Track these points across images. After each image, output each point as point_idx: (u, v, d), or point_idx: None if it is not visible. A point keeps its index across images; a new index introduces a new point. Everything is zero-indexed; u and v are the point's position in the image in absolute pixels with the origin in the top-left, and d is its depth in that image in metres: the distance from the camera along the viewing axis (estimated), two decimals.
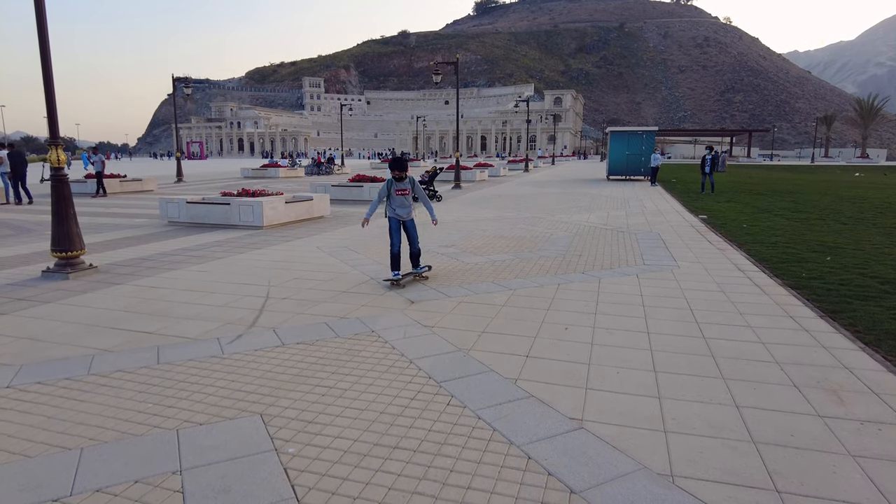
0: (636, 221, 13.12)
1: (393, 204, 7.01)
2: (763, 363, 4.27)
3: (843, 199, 19.33)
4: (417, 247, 7.13)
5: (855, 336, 4.89)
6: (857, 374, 4.04)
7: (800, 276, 7.27)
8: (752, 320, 5.36)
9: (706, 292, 6.45)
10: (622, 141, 30.45)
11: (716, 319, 5.39)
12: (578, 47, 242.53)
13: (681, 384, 3.89)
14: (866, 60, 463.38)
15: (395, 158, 7.12)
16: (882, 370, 4.14)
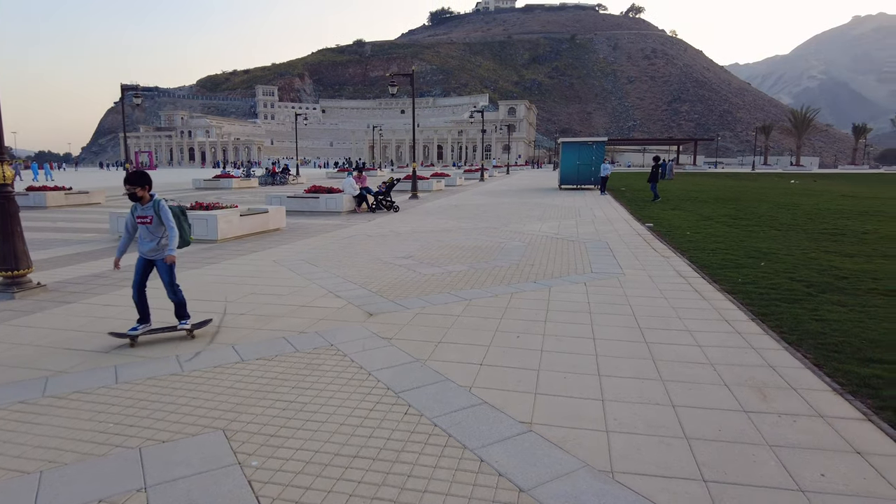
0: (586, 230, 13.61)
1: (138, 236, 5.34)
2: (699, 364, 4.63)
3: (779, 205, 20.48)
4: (172, 296, 5.42)
5: (780, 336, 5.32)
6: (779, 372, 4.43)
7: (736, 281, 7.77)
8: (690, 324, 5.75)
9: (649, 298, 6.84)
10: (573, 151, 31.32)
11: (657, 324, 5.75)
12: (531, 58, 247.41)
13: (623, 387, 4.18)
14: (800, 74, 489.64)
15: (132, 172, 5.18)
16: (801, 367, 4.55)
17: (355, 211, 18.88)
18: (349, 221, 15.83)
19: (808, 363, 4.63)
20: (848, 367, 4.50)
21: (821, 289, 7.27)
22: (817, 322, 5.75)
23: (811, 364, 4.61)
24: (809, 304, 6.51)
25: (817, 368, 4.51)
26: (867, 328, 5.53)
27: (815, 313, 6.08)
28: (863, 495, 2.83)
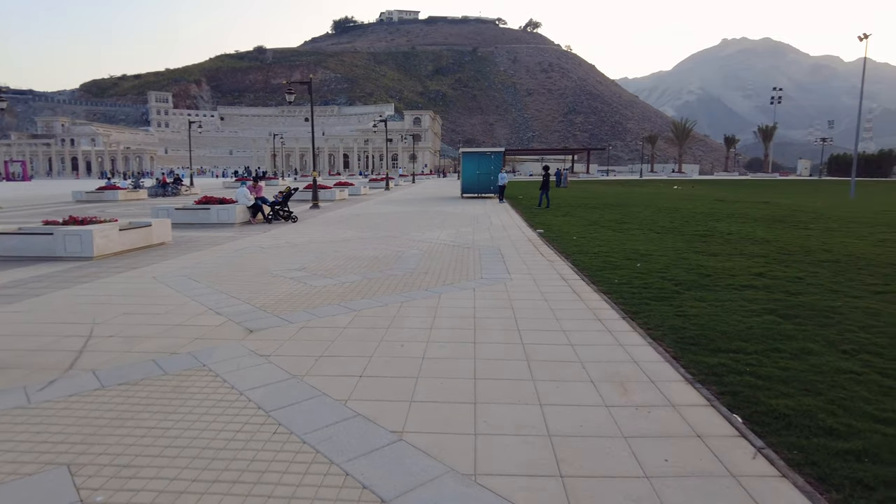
0: (482, 237, 13.94)
1: None
2: (569, 363, 4.86)
3: (660, 210, 22.10)
4: None
5: (646, 333, 5.71)
6: (641, 367, 4.76)
7: (612, 282, 8.27)
8: (566, 325, 6.03)
9: (532, 301, 7.11)
10: (473, 161, 32.11)
11: (536, 326, 5.99)
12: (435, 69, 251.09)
13: (496, 389, 4.30)
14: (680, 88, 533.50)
15: None
16: (661, 360, 4.90)
17: (250, 222, 18.18)
18: (242, 233, 15.20)
19: (668, 357, 5.00)
20: (700, 358, 4.92)
21: (687, 286, 7.90)
22: (680, 318, 6.23)
23: (670, 357, 4.98)
24: (675, 301, 7.05)
25: (675, 361, 4.88)
26: (720, 321, 6.08)
27: (679, 310, 6.59)
28: (697, 475, 3.09)
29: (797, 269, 9.30)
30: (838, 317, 6.28)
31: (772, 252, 11.21)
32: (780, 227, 16.04)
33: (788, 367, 4.70)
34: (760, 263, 9.86)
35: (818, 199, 31.99)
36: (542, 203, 23.69)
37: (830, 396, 4.08)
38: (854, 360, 4.89)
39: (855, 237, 13.68)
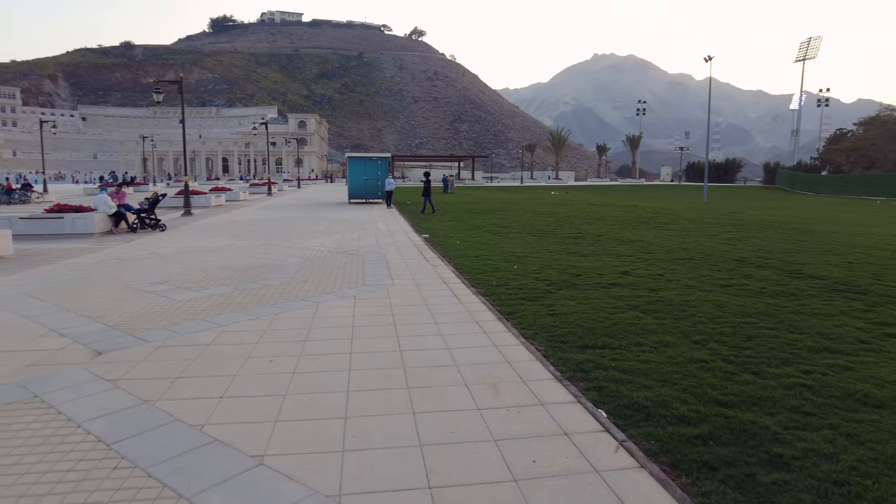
0: (367, 243, 13.72)
1: None
2: (445, 367, 4.82)
3: (538, 214, 23.11)
4: None
5: (520, 332, 5.84)
6: (514, 367, 4.83)
7: (491, 283, 8.43)
8: (444, 329, 6.02)
9: (412, 307, 7.04)
10: (360, 166, 31.75)
11: (415, 332, 5.91)
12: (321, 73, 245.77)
13: (369, 401, 4.15)
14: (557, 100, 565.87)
15: None
16: (533, 359, 5.02)
17: (112, 232, 16.53)
18: (102, 244, 13.75)
19: (539, 355, 5.13)
20: (569, 355, 5.09)
21: (559, 286, 8.24)
22: (551, 316, 6.45)
23: (542, 356, 5.12)
24: (548, 300, 7.31)
25: (546, 359, 5.02)
26: (588, 318, 6.37)
27: (551, 309, 6.83)
28: (563, 474, 3.14)
29: (658, 267, 10.06)
30: (692, 310, 6.84)
31: (637, 252, 12.07)
32: (645, 228, 17.37)
33: (649, 359, 5.00)
34: (626, 262, 10.56)
35: (677, 202, 35.21)
36: (426, 209, 23.93)
37: (684, 385, 4.38)
38: (704, 349, 5.31)
39: (706, 236, 15.14)
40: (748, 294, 7.82)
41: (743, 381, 4.46)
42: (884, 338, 5.67)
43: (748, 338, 5.63)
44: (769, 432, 3.56)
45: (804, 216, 23.69)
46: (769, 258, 11.15)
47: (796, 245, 13.29)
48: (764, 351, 5.21)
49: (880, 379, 4.49)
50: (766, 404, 4.00)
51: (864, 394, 4.17)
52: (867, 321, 6.31)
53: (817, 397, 4.12)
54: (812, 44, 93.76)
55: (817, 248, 12.79)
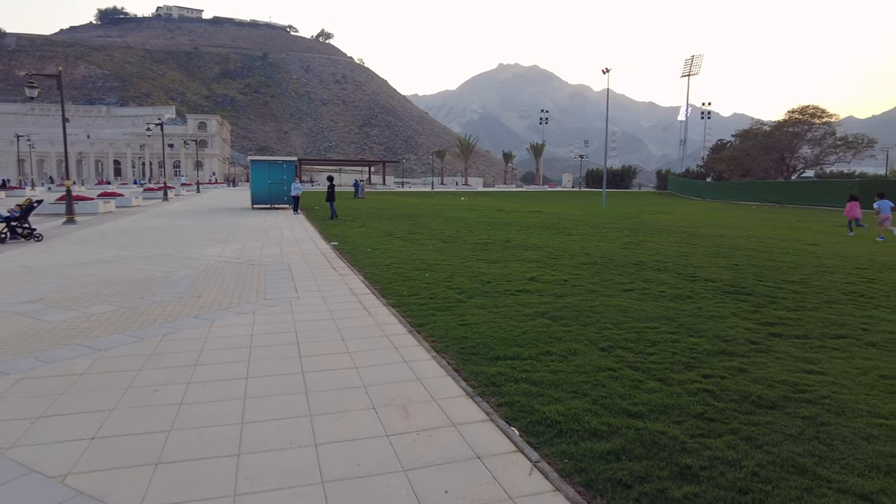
0: (270, 252, 13.04)
1: None
2: (352, 390, 4.52)
3: (448, 220, 23.19)
4: None
5: (431, 346, 5.66)
6: (425, 384, 4.62)
7: (402, 294, 8.21)
8: (352, 345, 5.71)
9: (318, 322, 6.66)
10: (264, 170, 30.45)
11: (320, 350, 5.56)
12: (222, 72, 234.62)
13: (266, 433, 3.78)
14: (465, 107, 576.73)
15: None
16: (444, 375, 4.84)
17: None
18: None
19: (451, 369, 4.97)
20: (481, 368, 4.97)
21: (469, 294, 8.16)
22: (462, 327, 6.33)
23: (453, 370, 4.95)
24: (459, 309, 7.20)
25: (457, 374, 4.86)
26: (499, 327, 6.31)
27: (462, 318, 6.71)
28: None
29: (563, 272, 10.28)
30: (597, 315, 6.97)
31: (543, 257, 12.31)
32: (549, 233, 17.87)
33: (558, 369, 4.98)
34: (533, 268, 10.72)
35: (578, 207, 36.75)
36: (333, 216, 23.39)
37: (594, 396, 4.37)
38: (610, 356, 5.38)
39: (606, 241, 15.79)
40: (648, 298, 8.13)
41: (650, 388, 4.54)
42: (770, 338, 6.04)
43: (652, 343, 5.79)
44: (677, 442, 3.59)
45: (693, 220, 25.46)
46: (665, 262, 11.75)
47: (689, 248, 14.14)
48: (667, 356, 5.36)
49: (770, 379, 4.74)
50: (673, 412, 4.07)
51: (758, 395, 4.36)
52: (755, 322, 6.72)
53: (718, 402, 4.25)
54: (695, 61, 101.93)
55: (707, 251, 13.68)
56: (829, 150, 63.07)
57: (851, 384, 4.67)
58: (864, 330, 6.40)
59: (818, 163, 65.61)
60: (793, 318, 6.92)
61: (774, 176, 64.32)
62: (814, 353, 5.50)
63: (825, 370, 4.99)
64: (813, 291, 8.62)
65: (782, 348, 5.66)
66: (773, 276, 10.06)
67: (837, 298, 8.12)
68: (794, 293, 8.48)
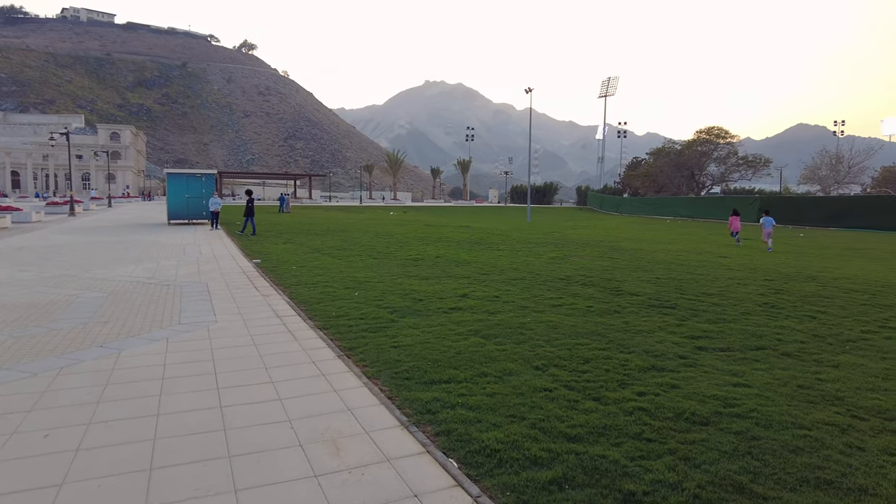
0: (187, 271, 12.25)
1: None
2: (275, 425, 4.17)
3: (378, 235, 22.85)
4: None
5: (362, 371, 5.38)
6: (356, 415, 4.35)
7: (330, 315, 7.85)
8: (276, 374, 5.33)
9: (238, 349, 6.21)
10: (181, 183, 28.93)
11: (240, 380, 5.14)
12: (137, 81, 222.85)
13: (177, 480, 3.37)
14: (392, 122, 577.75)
15: None
16: (376, 403, 4.58)
17: None
18: None
19: (384, 397, 4.72)
20: (415, 395, 4.75)
21: (402, 313, 7.93)
22: (395, 349, 6.09)
23: (386, 398, 4.71)
24: (391, 330, 6.95)
25: (390, 402, 4.62)
26: (433, 348, 6.12)
27: (394, 340, 6.47)
28: None
29: (494, 289, 10.26)
30: (529, 332, 6.94)
31: (473, 273, 12.28)
32: (479, 248, 17.95)
33: (495, 391, 4.84)
34: (465, 285, 10.64)
35: (504, 222, 37.40)
36: (247, 229, 22.57)
37: (532, 419, 4.26)
38: (545, 375, 5.32)
39: (534, 256, 16.03)
40: (578, 313, 8.21)
41: (587, 408, 4.48)
42: (696, 352, 6.21)
43: (584, 360, 5.79)
44: (618, 466, 3.52)
45: (613, 234, 26.48)
46: (591, 276, 12.02)
47: (612, 262, 14.58)
48: (601, 374, 5.36)
49: (701, 394, 4.82)
50: (612, 434, 4.01)
51: (692, 412, 4.41)
52: (681, 335, 6.90)
53: (654, 420, 4.25)
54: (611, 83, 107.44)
55: (629, 264, 14.15)
56: (732, 168, 68.07)
57: (774, 395, 4.83)
58: (779, 340, 6.73)
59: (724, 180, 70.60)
60: (715, 330, 7.18)
61: (685, 192, 68.46)
62: (738, 366, 5.68)
63: (750, 382, 5.15)
64: (730, 303, 9.03)
65: (709, 362, 5.82)
66: (692, 288, 10.49)
67: (752, 310, 8.54)
68: (713, 305, 8.86)
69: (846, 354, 6.16)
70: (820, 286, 10.98)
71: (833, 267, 14.33)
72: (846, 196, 50.80)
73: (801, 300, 9.43)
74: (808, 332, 7.15)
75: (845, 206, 37.72)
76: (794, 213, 40.40)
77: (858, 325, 7.67)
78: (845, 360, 5.90)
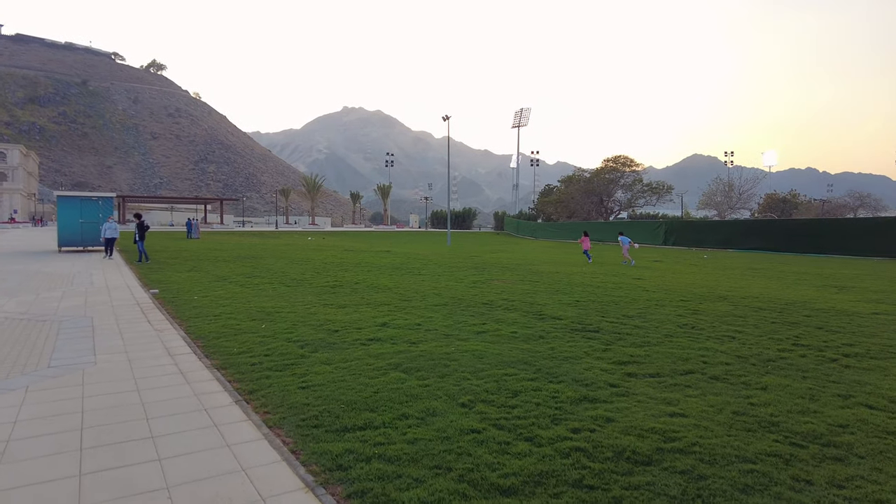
0: (72, 304, 10.83)
1: None
2: (148, 496, 3.39)
3: (293, 261, 21.72)
4: None
5: (263, 420, 4.65)
6: (251, 476, 3.64)
7: (231, 352, 6.99)
8: (158, 426, 4.49)
9: (116, 396, 5.27)
10: (74, 207, 26.43)
11: (112, 437, 4.27)
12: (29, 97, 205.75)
13: None
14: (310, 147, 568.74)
15: None
16: (277, 460, 3.89)
17: None
18: None
19: (287, 451, 4.03)
20: (325, 446, 4.09)
21: (314, 347, 7.21)
22: (304, 391, 5.38)
23: (289, 452, 4.02)
24: (301, 367, 6.22)
25: (294, 457, 3.93)
26: (348, 387, 5.47)
27: (303, 379, 5.76)
28: None
29: (416, 316, 9.73)
30: (453, 364, 6.44)
31: (394, 299, 11.69)
32: (399, 274, 17.38)
33: (417, 437, 4.28)
34: (385, 312, 10.03)
35: (425, 247, 37.08)
36: (141, 258, 20.85)
37: (460, 470, 3.72)
38: (472, 413, 4.82)
39: (455, 280, 15.67)
40: (502, 340, 7.83)
41: (520, 452, 4.01)
42: (626, 378, 5.95)
43: (513, 393, 5.35)
44: None
45: (531, 258, 26.76)
46: (513, 300, 11.77)
47: (532, 286, 14.47)
48: (531, 408, 4.93)
49: (639, 428, 4.49)
50: (550, 482, 3.55)
51: (632, 450, 4.04)
52: (608, 361, 6.65)
53: (594, 462, 3.84)
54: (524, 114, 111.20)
55: (549, 288, 14.09)
56: (638, 194, 71.99)
57: (712, 425, 4.58)
58: (705, 363, 6.63)
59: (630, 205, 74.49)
60: (642, 354, 7.01)
61: (595, 217, 71.51)
62: (670, 393, 5.45)
63: (685, 411, 4.90)
64: (652, 325, 9.00)
65: (640, 389, 5.56)
66: (613, 311, 10.45)
67: (674, 332, 8.52)
68: (636, 328, 8.77)
69: (770, 375, 6.11)
70: (732, 305, 11.31)
71: (739, 286, 14.97)
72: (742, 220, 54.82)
73: (717, 320, 9.59)
74: (731, 353, 7.13)
75: (741, 230, 40.51)
76: (697, 235, 42.98)
77: (774, 343, 7.78)
78: (771, 382, 5.83)
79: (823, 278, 17.72)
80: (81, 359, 6.68)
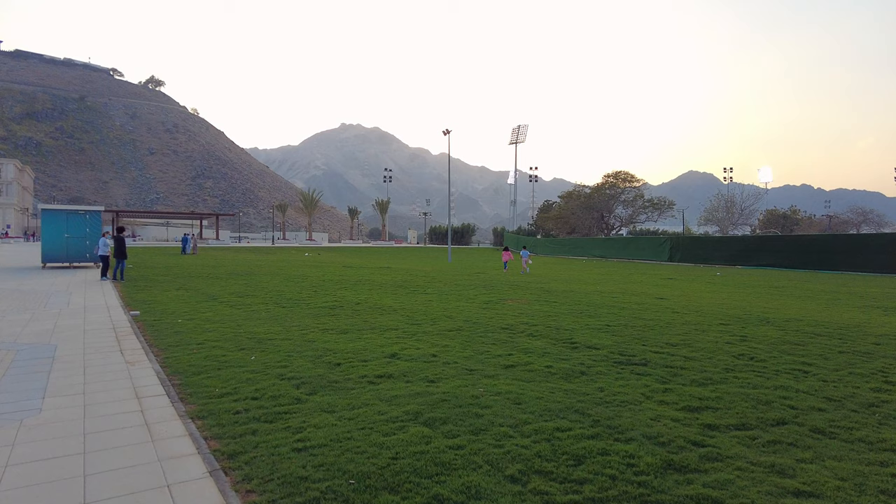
0: (38, 328, 9.56)
1: None
2: None
3: (289, 279, 20.45)
4: None
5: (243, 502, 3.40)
6: None
7: (212, 393, 5.72)
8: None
9: (52, 462, 4.00)
10: (59, 221, 25.19)
11: None
12: (26, 112, 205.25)
13: None
14: (308, 163, 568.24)
15: None
16: None
17: None
18: None
19: None
20: None
21: (312, 387, 5.95)
22: (300, 455, 4.13)
23: None
24: (296, 417, 4.97)
25: None
26: (356, 450, 4.22)
27: (299, 436, 4.50)
28: None
29: (429, 343, 8.50)
30: (486, 412, 5.19)
31: (401, 323, 10.46)
32: (403, 292, 16.15)
33: None
34: (393, 339, 8.80)
35: (426, 263, 35.84)
36: (117, 276, 19.54)
37: None
38: (528, 494, 3.57)
39: (465, 300, 14.43)
40: (538, 377, 6.60)
41: None
42: (708, 433, 4.68)
43: (576, 460, 4.11)
44: None
45: (539, 274, 25.55)
46: (534, 324, 10.55)
47: (550, 307, 13.24)
48: (606, 483, 3.69)
49: None
50: None
51: None
52: (675, 407, 5.41)
53: None
54: (521, 130, 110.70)
55: (570, 309, 12.86)
56: (639, 210, 71.01)
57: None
58: (793, 409, 5.39)
59: (631, 221, 73.52)
60: (711, 396, 5.76)
61: (596, 233, 70.45)
62: (774, 456, 4.21)
63: (813, 488, 3.65)
64: (704, 356, 7.76)
65: (733, 449, 4.32)
66: (652, 338, 9.22)
67: (733, 364, 7.28)
68: (687, 360, 7.54)
69: (887, 427, 4.88)
70: (781, 330, 10.08)
71: (773, 307, 13.77)
72: (751, 236, 53.82)
73: (774, 349, 8.36)
74: (817, 395, 5.89)
75: (750, 246, 39.36)
76: (703, 252, 41.87)
77: (860, 380, 6.55)
78: (894, 437, 4.61)
79: (859, 297, 16.55)
80: (24, 404, 5.41)
